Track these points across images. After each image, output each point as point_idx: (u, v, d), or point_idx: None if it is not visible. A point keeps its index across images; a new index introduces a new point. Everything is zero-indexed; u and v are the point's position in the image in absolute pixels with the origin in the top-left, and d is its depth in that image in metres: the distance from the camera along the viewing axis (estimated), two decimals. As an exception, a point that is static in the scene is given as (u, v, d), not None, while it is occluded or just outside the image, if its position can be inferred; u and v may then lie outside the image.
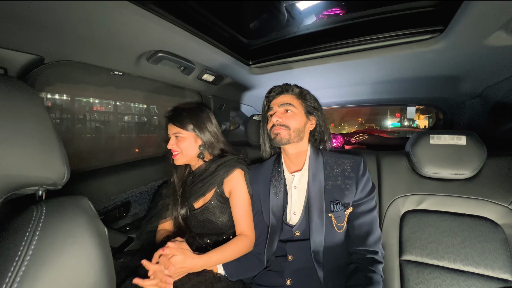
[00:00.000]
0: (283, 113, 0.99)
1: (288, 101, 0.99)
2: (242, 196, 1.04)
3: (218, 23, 1.03)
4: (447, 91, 1.38)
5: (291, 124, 0.96)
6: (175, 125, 1.05)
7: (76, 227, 0.39)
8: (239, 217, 1.02)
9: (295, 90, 1.03)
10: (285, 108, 0.99)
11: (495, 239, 0.91)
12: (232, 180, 1.06)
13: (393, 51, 0.99)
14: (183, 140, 1.05)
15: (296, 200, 0.99)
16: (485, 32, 0.79)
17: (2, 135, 0.39)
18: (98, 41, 0.79)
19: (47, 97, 0.97)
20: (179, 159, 1.06)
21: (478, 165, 0.96)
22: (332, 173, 0.97)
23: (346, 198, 0.93)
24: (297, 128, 0.96)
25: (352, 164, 0.97)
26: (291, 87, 1.03)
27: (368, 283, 0.81)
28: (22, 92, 0.44)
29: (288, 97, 1.00)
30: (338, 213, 0.92)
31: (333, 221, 0.92)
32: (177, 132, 1.05)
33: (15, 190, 0.41)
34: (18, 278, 0.31)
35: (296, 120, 0.97)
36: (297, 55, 1.17)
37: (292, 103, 0.99)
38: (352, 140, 2.21)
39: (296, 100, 1.00)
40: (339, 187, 0.94)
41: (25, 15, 0.61)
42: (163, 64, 1.01)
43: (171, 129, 1.07)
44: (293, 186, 1.00)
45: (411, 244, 1.00)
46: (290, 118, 0.97)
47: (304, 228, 0.95)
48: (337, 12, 1.07)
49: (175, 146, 1.05)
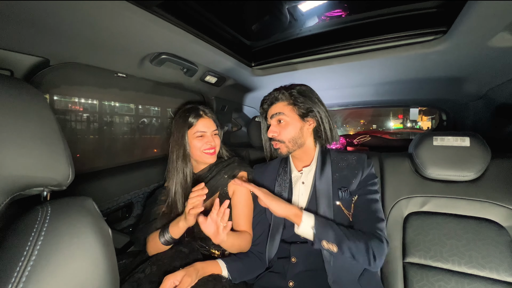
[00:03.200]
0: (277, 125, 0.99)
1: (278, 110, 0.98)
2: (244, 196, 1.05)
3: (221, 25, 1.04)
4: (451, 92, 1.38)
5: (285, 137, 0.96)
6: (214, 122, 1.13)
7: (81, 228, 0.39)
8: (240, 216, 1.03)
9: (285, 95, 0.99)
10: (277, 119, 0.98)
11: (500, 241, 0.90)
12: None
13: (396, 53, 0.99)
14: (218, 137, 1.14)
15: (303, 194, 0.99)
16: (489, 33, 0.78)
17: (9, 136, 0.39)
18: (103, 43, 0.80)
19: (52, 99, 0.98)
20: (215, 156, 1.11)
21: (482, 167, 0.95)
22: (339, 166, 0.99)
23: (352, 186, 0.94)
24: (292, 138, 0.96)
25: (357, 158, 0.99)
26: (280, 93, 1.00)
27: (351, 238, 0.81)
28: (28, 94, 0.44)
29: (279, 106, 0.99)
30: (345, 201, 0.93)
31: (342, 209, 0.92)
32: (215, 130, 1.12)
33: (21, 191, 0.42)
34: (24, 278, 0.31)
35: (290, 130, 0.96)
36: (300, 56, 1.17)
37: (283, 111, 0.97)
38: (355, 141, 2.20)
39: (287, 106, 0.98)
40: (345, 176, 0.96)
41: (31, 18, 0.62)
42: (166, 66, 1.01)
43: (210, 125, 1.11)
44: (301, 182, 1.00)
45: (414, 247, 0.99)
46: (283, 129, 0.97)
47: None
48: (340, 13, 1.07)
49: (213, 142, 1.09)
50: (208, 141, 1.07)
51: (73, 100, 1.07)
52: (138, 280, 0.87)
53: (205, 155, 1.08)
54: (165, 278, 0.80)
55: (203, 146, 1.07)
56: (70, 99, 1.05)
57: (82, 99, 1.11)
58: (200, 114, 1.09)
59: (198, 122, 1.08)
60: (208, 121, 1.10)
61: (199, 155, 1.08)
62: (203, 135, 1.08)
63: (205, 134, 1.08)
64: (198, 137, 1.07)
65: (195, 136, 1.07)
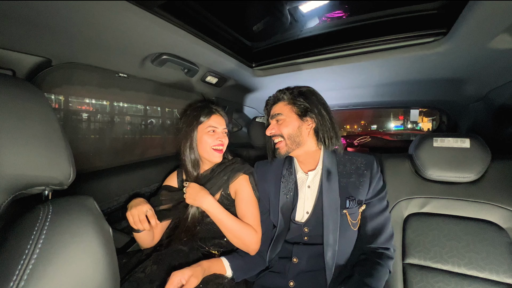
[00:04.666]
0: (275, 124, 1.00)
1: (277, 111, 1.00)
2: (247, 196, 1.05)
3: (222, 26, 1.04)
4: (451, 93, 1.38)
5: (284, 132, 0.97)
6: (225, 119, 1.14)
7: (82, 227, 0.40)
8: (246, 215, 1.02)
9: (286, 95, 1.01)
10: (276, 119, 1.00)
11: (500, 243, 0.90)
12: (237, 183, 1.07)
13: (396, 54, 0.99)
14: (227, 138, 1.13)
15: (309, 198, 0.98)
16: (489, 35, 0.79)
17: (11, 136, 0.39)
18: (104, 43, 0.80)
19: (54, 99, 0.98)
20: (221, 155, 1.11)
21: (482, 168, 0.95)
22: (346, 170, 0.97)
23: (360, 195, 0.93)
24: (290, 134, 0.96)
25: (366, 162, 0.98)
26: (282, 93, 1.02)
27: (374, 273, 0.82)
28: (30, 94, 0.45)
29: (278, 106, 1.01)
30: (352, 210, 0.92)
31: (348, 218, 0.92)
32: (225, 128, 1.13)
33: (23, 190, 0.42)
34: (26, 276, 0.32)
35: (287, 127, 0.97)
36: (300, 57, 1.17)
37: (281, 111, 0.99)
38: (355, 142, 2.20)
39: (286, 106, 0.99)
40: (353, 184, 0.95)
41: (33, 18, 0.62)
42: (167, 66, 1.02)
43: (221, 122, 1.12)
44: (306, 185, 0.99)
45: (414, 248, 0.99)
46: (281, 127, 0.98)
47: (314, 225, 0.94)
48: (340, 14, 1.07)
49: (223, 140, 1.10)
50: (219, 137, 1.08)
51: (74, 99, 1.07)
52: (138, 280, 0.87)
53: (213, 152, 1.07)
54: (173, 274, 0.80)
55: (214, 142, 1.07)
56: (71, 99, 1.06)
57: (83, 99, 1.12)
58: (212, 111, 1.11)
59: (211, 118, 1.09)
60: (220, 118, 1.11)
61: (207, 152, 1.07)
62: (215, 131, 1.09)
63: (217, 130, 1.09)
64: (210, 133, 1.07)
65: (207, 131, 1.07)
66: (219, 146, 1.08)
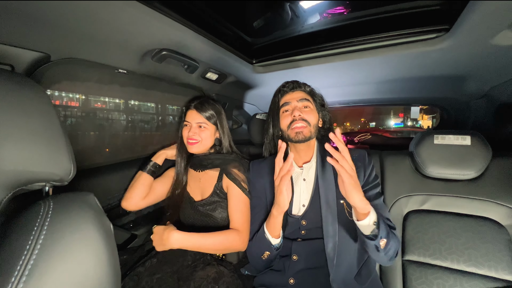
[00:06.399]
0: (302, 108, 0.98)
1: (305, 96, 1.00)
2: (237, 191, 1.05)
3: (223, 21, 1.04)
4: (452, 91, 1.37)
5: (310, 120, 0.96)
6: (201, 114, 1.11)
7: (83, 223, 0.40)
8: (232, 212, 1.04)
9: (307, 88, 1.04)
10: (304, 104, 0.98)
11: (499, 240, 0.91)
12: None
13: (397, 50, 0.98)
14: (206, 131, 1.12)
15: (305, 192, 0.98)
16: (491, 32, 0.78)
17: (10, 131, 0.39)
18: (104, 39, 0.79)
19: (53, 94, 0.98)
20: (196, 148, 1.11)
21: (483, 166, 0.96)
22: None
23: None
24: (315, 124, 0.97)
25: (358, 155, 0.98)
26: (302, 84, 1.04)
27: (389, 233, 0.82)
28: (29, 89, 0.44)
29: (303, 94, 1.01)
30: None
31: (345, 208, 0.91)
32: (203, 122, 1.11)
33: (23, 186, 0.42)
34: (27, 272, 0.32)
35: (314, 116, 0.98)
36: (301, 54, 1.17)
37: (308, 99, 1.00)
38: (355, 139, 2.20)
39: (309, 96, 1.02)
40: None
41: (32, 13, 0.61)
42: (167, 62, 1.01)
43: (195, 117, 1.12)
44: (302, 179, 0.99)
45: (414, 244, 1.00)
46: (309, 114, 0.96)
47: (312, 218, 0.94)
48: (341, 11, 1.06)
49: (196, 135, 1.10)
50: (190, 131, 1.11)
51: (73, 95, 1.07)
52: (139, 274, 0.88)
53: (188, 145, 1.13)
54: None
55: (187, 136, 1.12)
56: (70, 95, 1.05)
57: (82, 95, 1.11)
58: (189, 107, 1.15)
59: (187, 113, 1.14)
60: (195, 114, 1.13)
61: (186, 144, 1.14)
62: (187, 125, 1.13)
63: (189, 124, 1.12)
64: (186, 127, 1.14)
65: (184, 125, 1.15)
66: (191, 139, 1.11)
